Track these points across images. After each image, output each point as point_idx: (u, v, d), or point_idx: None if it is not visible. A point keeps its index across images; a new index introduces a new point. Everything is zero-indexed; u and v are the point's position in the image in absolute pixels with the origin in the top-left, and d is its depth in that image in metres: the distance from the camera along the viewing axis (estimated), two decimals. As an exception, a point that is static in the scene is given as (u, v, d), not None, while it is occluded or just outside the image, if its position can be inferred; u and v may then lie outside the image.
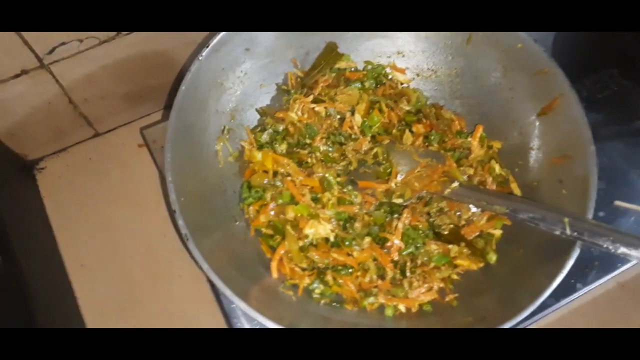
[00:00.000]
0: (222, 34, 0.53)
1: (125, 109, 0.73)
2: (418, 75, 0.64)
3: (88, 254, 0.68)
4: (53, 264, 0.68)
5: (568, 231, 0.46)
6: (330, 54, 0.61)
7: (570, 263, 0.47)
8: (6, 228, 0.60)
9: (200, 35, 0.65)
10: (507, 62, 0.58)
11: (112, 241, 0.69)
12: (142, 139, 0.72)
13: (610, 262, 0.60)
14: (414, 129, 0.60)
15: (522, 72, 0.57)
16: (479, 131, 0.59)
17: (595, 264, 0.60)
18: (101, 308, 0.64)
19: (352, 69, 0.63)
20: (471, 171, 0.57)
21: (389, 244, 0.54)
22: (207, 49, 0.53)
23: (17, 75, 0.59)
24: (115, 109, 0.72)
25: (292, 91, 0.61)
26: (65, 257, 0.68)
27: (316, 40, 0.62)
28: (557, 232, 0.47)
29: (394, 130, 0.61)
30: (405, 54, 0.64)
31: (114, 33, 0.60)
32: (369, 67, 0.64)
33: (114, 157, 0.74)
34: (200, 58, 0.53)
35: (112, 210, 0.70)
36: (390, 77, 0.64)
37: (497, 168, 0.57)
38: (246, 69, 0.59)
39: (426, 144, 0.60)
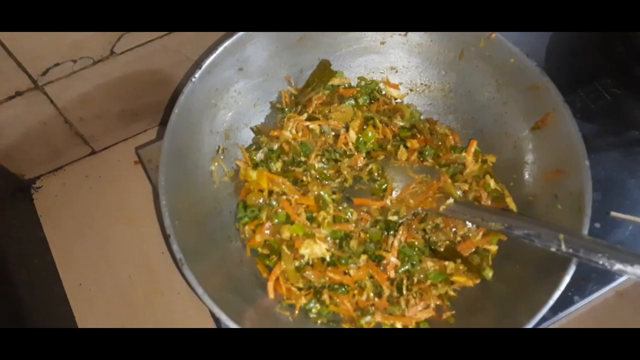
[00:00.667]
0: (214, 55, 0.54)
1: (121, 127, 0.74)
2: (411, 90, 0.65)
3: (85, 272, 0.68)
4: (51, 283, 0.68)
5: (564, 248, 0.46)
6: (324, 71, 0.61)
7: (567, 279, 0.47)
8: (2, 250, 0.60)
9: (193, 52, 0.65)
10: (500, 77, 0.58)
11: (109, 259, 0.69)
12: (135, 154, 0.72)
13: (608, 274, 0.60)
14: (408, 144, 0.60)
15: (515, 87, 0.57)
16: (473, 146, 0.59)
17: (592, 276, 0.61)
18: (99, 326, 0.64)
19: (346, 86, 0.63)
20: (466, 187, 0.57)
21: (385, 261, 0.54)
22: (200, 71, 0.53)
23: (11, 97, 0.60)
24: (111, 127, 0.72)
25: (286, 109, 0.61)
26: (62, 275, 0.69)
27: (309, 58, 0.62)
28: (553, 249, 0.47)
29: (389, 146, 0.61)
30: (398, 70, 0.64)
31: (107, 53, 0.61)
32: (363, 83, 0.64)
33: (110, 174, 0.74)
34: (193, 80, 0.53)
35: (108, 227, 0.70)
36: (384, 92, 0.64)
37: (492, 183, 0.57)
38: (240, 89, 0.59)
39: (421, 159, 0.60)
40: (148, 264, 0.68)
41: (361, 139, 0.60)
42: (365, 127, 0.60)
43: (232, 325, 0.45)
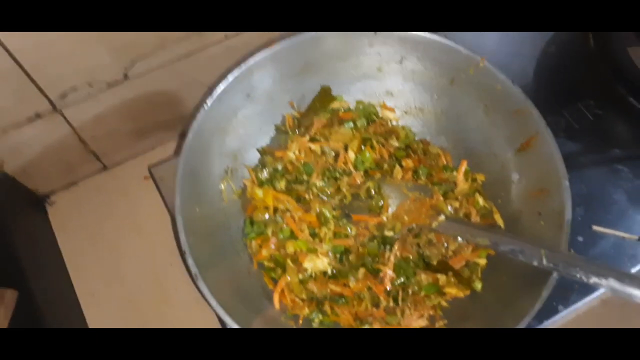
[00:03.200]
0: (225, 83, 0.58)
1: (132, 144, 0.77)
2: (406, 112, 0.69)
3: (98, 284, 0.71)
4: (65, 295, 0.71)
5: (545, 262, 0.50)
6: (325, 96, 0.65)
7: (547, 291, 0.51)
8: (21, 263, 0.63)
9: (203, 75, 0.69)
10: (487, 102, 0.62)
11: (121, 271, 0.72)
12: (148, 172, 0.76)
13: (589, 285, 0.64)
14: (403, 164, 0.64)
15: (502, 111, 0.61)
16: (464, 166, 0.63)
17: (575, 286, 0.64)
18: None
19: (345, 109, 0.68)
20: (457, 204, 0.61)
21: (382, 274, 0.59)
22: (212, 99, 0.57)
23: (31, 120, 0.63)
24: (123, 144, 0.76)
25: (290, 132, 0.65)
26: (76, 287, 0.71)
27: (311, 84, 0.66)
28: (535, 263, 0.51)
29: (385, 165, 0.65)
30: (394, 94, 0.68)
31: (121, 76, 0.64)
32: (361, 106, 0.68)
33: (122, 189, 0.77)
34: (205, 107, 0.57)
35: (119, 240, 0.73)
36: (380, 115, 0.69)
37: (481, 201, 0.61)
38: (247, 113, 0.63)
39: (415, 177, 0.64)
40: (157, 275, 0.71)
41: (359, 158, 0.64)
42: (363, 147, 0.64)
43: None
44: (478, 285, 0.58)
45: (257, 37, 0.66)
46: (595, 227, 0.67)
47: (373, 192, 0.62)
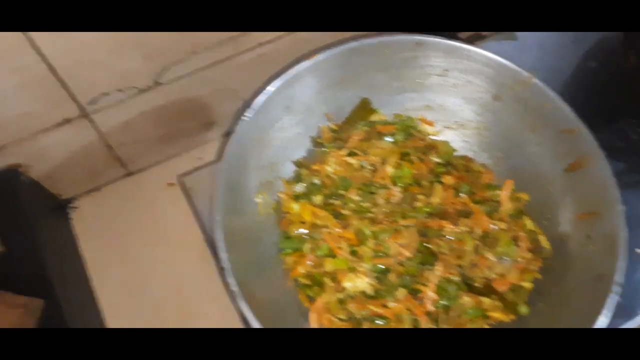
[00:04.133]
0: (265, 94, 0.56)
1: (158, 150, 0.76)
2: (447, 127, 0.67)
3: (120, 291, 0.69)
4: (88, 304, 0.70)
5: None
6: (364, 109, 0.63)
7: (606, 318, 0.49)
8: (47, 270, 0.62)
9: (233, 83, 0.67)
10: (534, 119, 0.60)
11: (144, 279, 0.70)
12: (172, 178, 0.74)
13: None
14: (443, 180, 0.62)
15: (550, 129, 0.59)
16: (510, 186, 0.61)
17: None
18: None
19: (383, 122, 0.66)
20: (503, 225, 0.59)
21: (421, 294, 0.57)
22: (252, 110, 0.55)
23: (60, 124, 0.62)
24: (148, 150, 0.75)
25: (327, 144, 0.64)
26: (99, 296, 0.70)
27: (349, 95, 0.65)
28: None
29: (424, 181, 0.63)
30: (433, 108, 0.66)
31: (152, 82, 0.63)
32: (399, 120, 0.66)
33: (145, 195, 0.76)
34: (244, 119, 0.55)
35: (142, 248, 0.72)
36: (419, 129, 0.67)
37: (529, 223, 0.59)
38: (284, 125, 0.62)
39: (456, 195, 0.62)
40: (180, 284, 0.69)
41: (398, 173, 0.62)
42: (401, 162, 0.62)
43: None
44: (524, 310, 0.56)
45: (289, 44, 0.65)
46: (639, 250, 0.65)
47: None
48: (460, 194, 0.62)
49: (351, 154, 0.62)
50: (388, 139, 0.64)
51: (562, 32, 0.80)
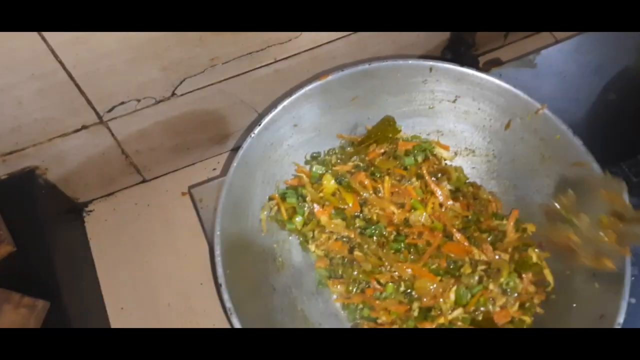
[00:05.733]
0: (273, 112, 0.57)
1: (172, 159, 0.77)
2: (456, 153, 0.67)
3: (128, 297, 0.71)
4: (94, 306, 0.71)
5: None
6: (387, 126, 0.64)
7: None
8: (57, 273, 0.63)
9: (247, 96, 0.68)
10: (544, 151, 0.60)
11: (151, 285, 0.71)
12: (186, 188, 0.75)
13: None
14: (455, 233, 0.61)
15: (559, 161, 0.59)
16: (515, 216, 0.60)
17: None
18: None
19: (405, 139, 0.66)
20: (506, 257, 0.58)
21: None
22: (259, 127, 0.56)
23: (77, 130, 0.63)
24: (163, 159, 0.76)
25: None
26: (106, 298, 0.71)
27: (361, 116, 0.65)
28: None
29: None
30: (444, 133, 0.66)
31: (169, 94, 0.64)
32: (418, 140, 0.66)
33: (158, 203, 0.77)
34: (252, 135, 0.56)
35: (152, 254, 0.73)
36: (435, 152, 0.66)
37: (535, 257, 0.58)
38: (292, 143, 0.62)
39: (463, 223, 0.61)
40: (187, 293, 0.70)
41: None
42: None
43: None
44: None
45: (305, 61, 0.66)
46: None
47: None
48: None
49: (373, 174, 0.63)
50: (410, 160, 0.63)
51: (584, 61, 0.79)
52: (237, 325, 0.48)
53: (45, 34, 0.49)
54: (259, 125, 0.56)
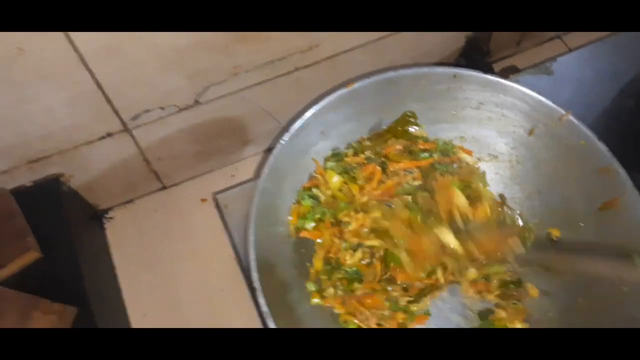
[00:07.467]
0: (303, 119, 0.58)
1: (193, 166, 0.77)
2: (479, 159, 0.68)
3: (150, 303, 0.70)
4: (117, 312, 0.71)
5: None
6: (406, 120, 0.64)
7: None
8: (83, 279, 0.63)
9: (267, 104, 0.69)
10: (569, 156, 0.60)
11: (173, 291, 0.71)
12: (205, 194, 0.76)
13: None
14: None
15: (584, 167, 0.59)
16: None
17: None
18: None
19: (425, 139, 0.66)
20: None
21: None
22: (289, 134, 0.57)
23: (102, 138, 0.64)
24: (184, 165, 0.76)
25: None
26: (128, 305, 0.71)
27: (385, 123, 0.66)
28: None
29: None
30: (467, 139, 0.67)
31: (192, 102, 0.64)
32: (441, 141, 0.67)
33: (178, 210, 0.77)
34: (282, 142, 0.56)
35: (173, 261, 0.73)
36: (458, 155, 0.67)
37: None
38: (319, 149, 0.63)
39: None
40: (208, 298, 0.70)
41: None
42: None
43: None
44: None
45: (325, 70, 0.66)
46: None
47: None
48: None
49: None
50: (425, 155, 0.64)
51: (600, 67, 0.80)
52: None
53: (77, 43, 0.50)
54: (289, 132, 0.57)
